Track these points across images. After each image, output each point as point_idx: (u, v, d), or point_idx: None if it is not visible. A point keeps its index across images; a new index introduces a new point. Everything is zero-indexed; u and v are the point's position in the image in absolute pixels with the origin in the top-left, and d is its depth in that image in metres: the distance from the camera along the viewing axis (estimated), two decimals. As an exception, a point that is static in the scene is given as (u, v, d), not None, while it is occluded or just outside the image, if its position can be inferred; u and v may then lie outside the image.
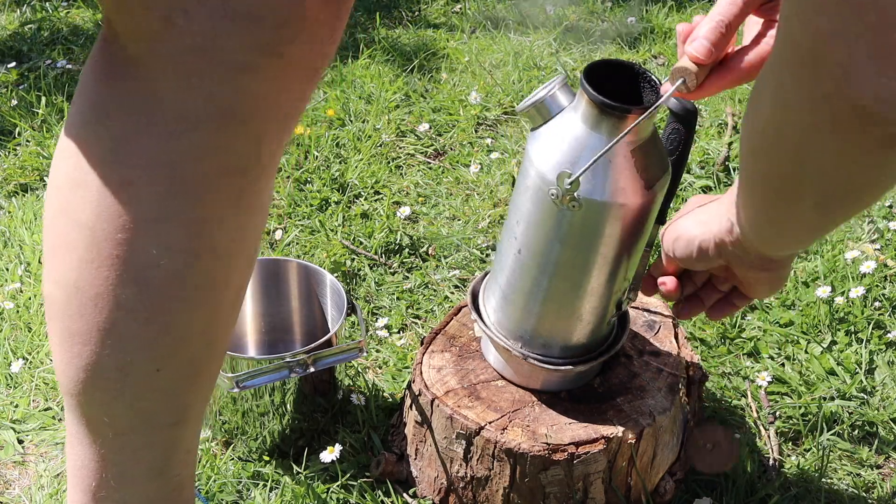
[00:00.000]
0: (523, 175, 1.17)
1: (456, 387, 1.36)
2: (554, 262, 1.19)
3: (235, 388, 1.38)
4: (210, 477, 1.46)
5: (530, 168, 1.16)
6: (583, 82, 1.09)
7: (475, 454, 1.31)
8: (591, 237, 1.16)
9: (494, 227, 2.06)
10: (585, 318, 1.25)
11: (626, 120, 1.09)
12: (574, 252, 1.18)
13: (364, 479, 1.44)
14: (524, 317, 1.27)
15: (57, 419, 1.60)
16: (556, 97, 1.14)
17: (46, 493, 1.46)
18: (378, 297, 1.88)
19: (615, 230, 1.15)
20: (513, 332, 1.30)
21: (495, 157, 2.30)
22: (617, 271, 1.20)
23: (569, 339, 1.28)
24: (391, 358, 1.72)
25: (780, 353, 1.72)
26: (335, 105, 2.52)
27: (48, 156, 2.32)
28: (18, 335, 1.76)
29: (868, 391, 1.63)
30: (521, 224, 1.20)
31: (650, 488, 1.37)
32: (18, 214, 2.12)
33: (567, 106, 1.13)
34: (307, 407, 1.48)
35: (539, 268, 1.21)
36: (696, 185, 2.17)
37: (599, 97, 1.08)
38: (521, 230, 1.20)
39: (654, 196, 1.16)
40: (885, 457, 1.53)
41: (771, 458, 1.50)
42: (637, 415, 1.32)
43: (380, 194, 2.20)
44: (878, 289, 1.84)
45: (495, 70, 2.76)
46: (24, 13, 3.21)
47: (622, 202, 1.13)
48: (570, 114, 1.12)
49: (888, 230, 2.01)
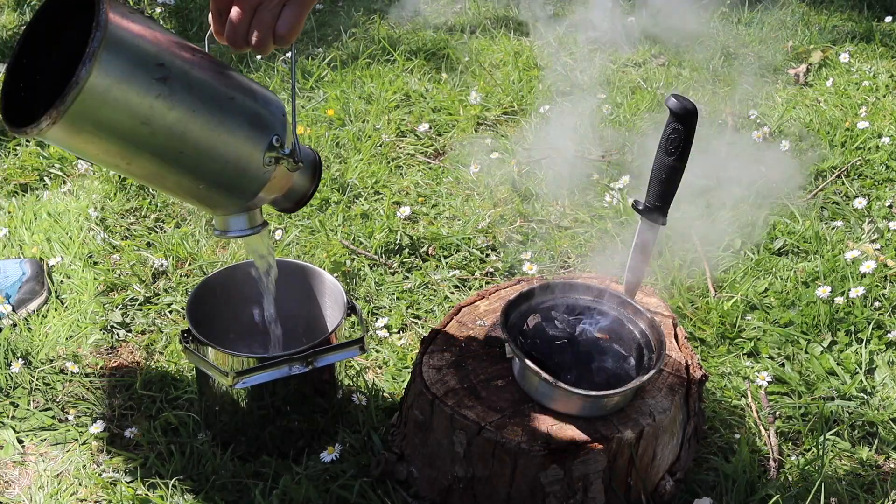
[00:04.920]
0: None
1: (456, 387, 1.36)
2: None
3: (235, 385, 1.38)
4: (210, 477, 1.46)
5: None
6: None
7: (475, 454, 1.31)
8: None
9: (494, 227, 2.06)
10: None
11: None
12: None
13: (364, 479, 1.44)
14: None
15: (57, 419, 1.60)
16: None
17: (46, 493, 1.46)
18: (378, 297, 1.88)
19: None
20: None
21: (495, 157, 2.30)
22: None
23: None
24: (391, 358, 1.72)
25: (780, 353, 1.72)
26: (335, 105, 2.52)
27: (48, 156, 2.32)
28: (18, 335, 1.76)
29: (868, 391, 1.63)
30: None
31: (650, 488, 1.37)
32: (18, 214, 2.12)
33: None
34: (307, 407, 1.48)
35: None
36: (696, 186, 2.17)
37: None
38: None
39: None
40: (885, 457, 1.53)
41: (771, 458, 1.50)
42: (637, 415, 1.32)
43: (380, 194, 2.20)
44: (878, 289, 1.84)
45: (495, 70, 2.76)
46: (24, 13, 3.21)
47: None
48: None
49: (888, 230, 2.01)
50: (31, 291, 1.82)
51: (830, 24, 3.04)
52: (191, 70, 1.04)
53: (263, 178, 1.13)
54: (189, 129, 1.04)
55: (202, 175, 1.10)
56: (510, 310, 1.39)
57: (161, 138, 1.03)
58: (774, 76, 2.74)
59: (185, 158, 1.06)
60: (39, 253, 1.98)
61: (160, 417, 1.57)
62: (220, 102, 1.07)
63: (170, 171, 1.08)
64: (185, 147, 1.05)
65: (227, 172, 1.11)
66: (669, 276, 1.90)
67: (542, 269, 1.94)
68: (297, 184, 1.23)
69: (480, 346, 1.44)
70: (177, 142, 1.04)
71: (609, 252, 1.98)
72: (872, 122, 2.40)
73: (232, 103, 1.08)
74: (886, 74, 2.69)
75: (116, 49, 0.96)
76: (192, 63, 1.05)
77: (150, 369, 1.69)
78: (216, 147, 1.07)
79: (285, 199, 1.25)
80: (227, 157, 1.09)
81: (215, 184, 1.11)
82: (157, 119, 1.01)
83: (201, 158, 1.08)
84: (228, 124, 1.08)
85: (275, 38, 1.07)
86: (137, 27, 0.99)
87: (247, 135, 1.10)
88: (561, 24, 3.00)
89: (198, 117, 1.04)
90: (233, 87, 1.09)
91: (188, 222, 2.11)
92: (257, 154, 1.11)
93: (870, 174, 2.24)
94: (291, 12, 1.06)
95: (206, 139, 1.06)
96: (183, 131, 1.04)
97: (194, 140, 1.05)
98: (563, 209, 2.12)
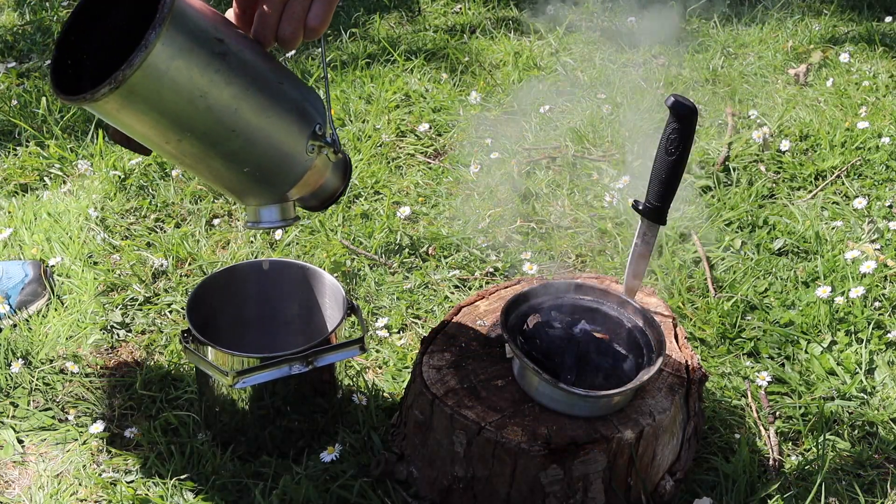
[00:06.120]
0: None
1: (456, 387, 1.36)
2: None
3: (235, 385, 1.38)
4: (210, 477, 1.46)
5: None
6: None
7: (475, 454, 1.31)
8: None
9: (494, 227, 2.06)
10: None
11: None
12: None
13: (364, 479, 1.44)
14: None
15: (57, 419, 1.60)
16: None
17: (46, 492, 1.46)
18: (378, 297, 1.88)
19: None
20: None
21: (495, 157, 2.30)
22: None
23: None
24: (391, 358, 1.72)
25: (780, 353, 1.72)
26: (335, 105, 2.52)
27: (48, 156, 2.32)
28: (18, 335, 1.76)
29: (868, 391, 1.63)
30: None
31: (650, 488, 1.37)
32: (18, 214, 2.12)
33: None
34: (307, 407, 1.48)
35: None
36: (696, 185, 2.17)
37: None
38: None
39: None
40: (885, 457, 1.53)
41: (771, 458, 1.50)
42: (637, 415, 1.32)
43: (380, 194, 2.20)
44: (878, 289, 1.84)
45: (495, 70, 2.76)
46: (24, 13, 3.21)
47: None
48: None
49: (888, 230, 2.01)
50: (33, 293, 1.82)
51: (830, 24, 3.04)
52: (244, 49, 1.05)
53: (305, 166, 1.14)
54: (242, 108, 1.05)
55: (248, 158, 1.10)
56: (510, 310, 1.39)
57: (216, 113, 1.03)
58: (774, 76, 2.74)
59: (234, 138, 1.06)
60: (39, 253, 1.98)
61: (160, 417, 1.58)
62: (271, 85, 1.07)
63: (217, 153, 1.08)
64: (237, 125, 1.06)
65: (272, 156, 1.11)
66: (669, 276, 1.90)
67: (542, 269, 1.94)
68: (328, 181, 1.23)
69: (480, 346, 1.44)
70: (230, 120, 1.05)
71: (609, 252, 1.98)
72: (872, 122, 2.40)
73: (281, 88, 1.08)
74: (886, 74, 2.69)
75: (181, 18, 0.97)
76: (245, 43, 1.06)
77: (150, 369, 1.69)
78: (265, 129, 1.08)
79: (313, 197, 1.25)
80: (274, 141, 1.10)
81: (259, 168, 1.12)
82: (214, 93, 1.01)
83: (250, 139, 1.08)
84: (278, 108, 1.08)
85: (305, 32, 1.08)
86: (197, 1, 1.00)
87: (294, 120, 1.11)
88: (561, 24, 3.00)
89: (251, 97, 1.05)
90: (280, 72, 1.10)
91: (188, 222, 2.11)
92: (302, 141, 1.12)
93: (870, 174, 2.24)
94: (321, 5, 1.07)
95: (258, 120, 1.07)
96: (237, 109, 1.04)
97: (246, 120, 1.06)
98: (563, 209, 2.12)
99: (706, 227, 2.03)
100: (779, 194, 2.18)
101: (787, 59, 2.81)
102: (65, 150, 2.34)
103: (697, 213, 2.08)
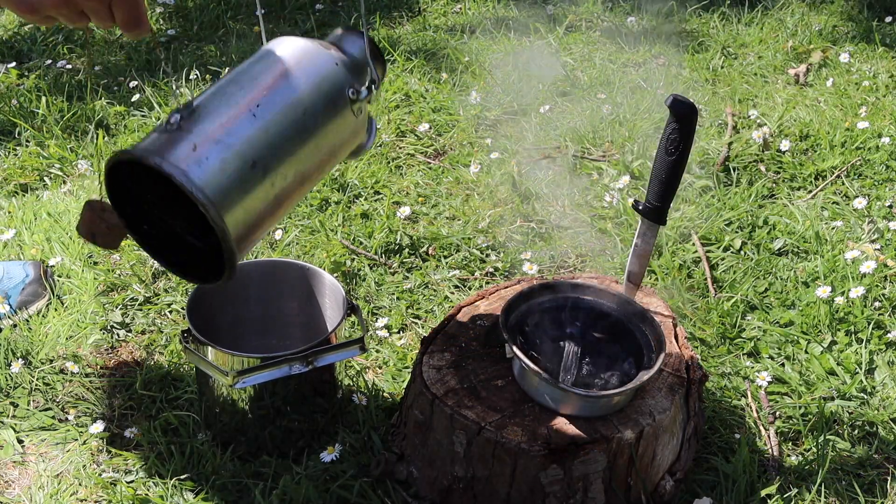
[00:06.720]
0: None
1: (456, 387, 1.36)
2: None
3: (235, 385, 1.38)
4: (210, 477, 1.46)
5: None
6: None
7: (475, 454, 1.31)
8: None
9: (494, 227, 2.06)
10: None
11: None
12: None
13: (364, 479, 1.44)
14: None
15: (57, 419, 1.60)
16: None
17: (46, 492, 1.46)
18: (378, 297, 1.88)
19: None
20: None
21: (495, 157, 2.30)
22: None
23: None
24: (391, 358, 1.72)
25: (780, 353, 1.72)
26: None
27: (48, 156, 2.32)
28: (18, 335, 1.76)
29: (868, 391, 1.63)
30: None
31: (650, 488, 1.37)
32: (18, 214, 2.12)
33: None
34: (307, 407, 1.48)
35: None
36: (696, 185, 2.17)
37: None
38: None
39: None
40: (885, 457, 1.53)
41: (771, 458, 1.50)
42: (637, 415, 1.32)
43: (380, 194, 2.20)
44: (878, 289, 1.84)
45: (495, 70, 2.76)
46: (24, 13, 3.20)
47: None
48: None
49: (888, 230, 2.01)
50: (33, 293, 1.82)
51: (830, 24, 3.04)
52: (267, 131, 1.07)
53: (363, 120, 1.19)
54: (301, 164, 1.11)
55: (330, 166, 1.19)
56: (510, 310, 1.39)
57: (289, 183, 1.11)
58: (774, 76, 2.74)
59: (313, 175, 1.15)
60: (39, 253, 1.98)
61: (160, 417, 1.58)
62: (301, 124, 1.10)
63: (309, 185, 1.17)
64: (305, 176, 1.13)
65: (343, 146, 1.18)
66: (669, 276, 1.90)
67: (542, 269, 1.94)
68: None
69: (480, 346, 1.44)
70: (300, 177, 1.12)
71: (609, 252, 1.98)
72: (872, 122, 2.40)
73: (305, 113, 1.11)
74: (886, 74, 2.69)
75: (227, 201, 1.03)
76: (262, 121, 1.08)
77: (150, 369, 1.69)
78: (323, 150, 1.14)
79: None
80: (335, 143, 1.16)
81: (342, 154, 1.20)
82: (279, 184, 1.09)
83: (321, 165, 1.16)
84: (317, 131, 1.12)
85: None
86: (217, 165, 1.03)
87: (332, 116, 1.14)
88: (561, 24, 3.00)
89: (300, 154, 1.10)
90: (295, 91, 1.12)
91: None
92: (349, 117, 1.15)
93: (870, 174, 2.24)
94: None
95: (315, 156, 1.13)
96: (299, 171, 1.11)
97: (307, 167, 1.12)
98: (563, 209, 2.12)
99: (706, 227, 2.03)
100: (779, 194, 2.18)
101: (787, 59, 2.81)
102: (65, 150, 2.34)
103: (697, 213, 2.08)
